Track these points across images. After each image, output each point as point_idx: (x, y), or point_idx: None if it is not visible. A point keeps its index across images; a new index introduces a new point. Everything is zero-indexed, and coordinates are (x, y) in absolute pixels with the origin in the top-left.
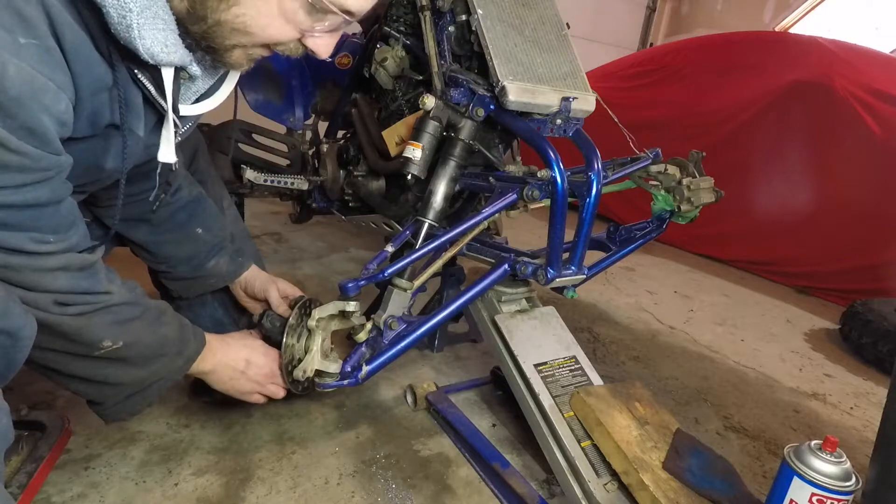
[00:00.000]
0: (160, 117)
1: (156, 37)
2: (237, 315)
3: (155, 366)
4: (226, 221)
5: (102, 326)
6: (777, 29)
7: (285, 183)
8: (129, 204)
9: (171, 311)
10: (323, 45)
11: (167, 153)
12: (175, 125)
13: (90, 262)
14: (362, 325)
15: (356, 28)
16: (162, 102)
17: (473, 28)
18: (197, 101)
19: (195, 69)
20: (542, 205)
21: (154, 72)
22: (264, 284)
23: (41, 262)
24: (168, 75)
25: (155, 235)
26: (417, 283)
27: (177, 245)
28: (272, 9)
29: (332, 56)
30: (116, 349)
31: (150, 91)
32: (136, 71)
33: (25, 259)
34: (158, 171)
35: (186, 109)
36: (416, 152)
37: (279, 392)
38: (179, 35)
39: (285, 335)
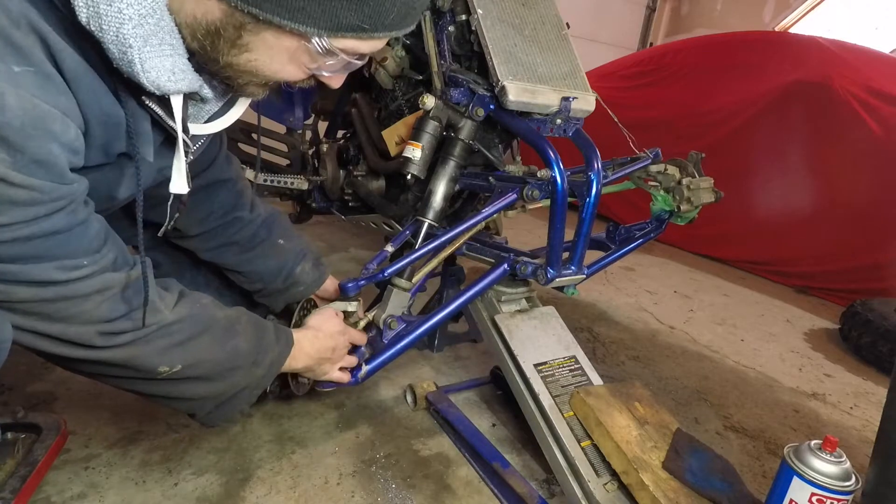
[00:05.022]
0: (168, 135)
1: (162, 65)
2: None
3: (231, 378)
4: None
5: (155, 353)
6: (777, 29)
7: (285, 183)
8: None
9: (247, 318)
10: (335, 80)
11: (179, 184)
12: (186, 145)
13: (132, 279)
14: (356, 324)
15: None
16: (173, 127)
17: (473, 28)
18: (209, 119)
19: (207, 92)
20: (542, 205)
21: (162, 98)
22: None
23: (75, 289)
24: (177, 103)
25: (242, 255)
26: (415, 279)
27: (265, 259)
28: (283, 55)
29: None
30: (176, 372)
31: (159, 116)
32: (143, 97)
33: (57, 289)
34: (170, 202)
35: (197, 129)
36: (415, 152)
37: (344, 377)
38: (189, 59)
39: None
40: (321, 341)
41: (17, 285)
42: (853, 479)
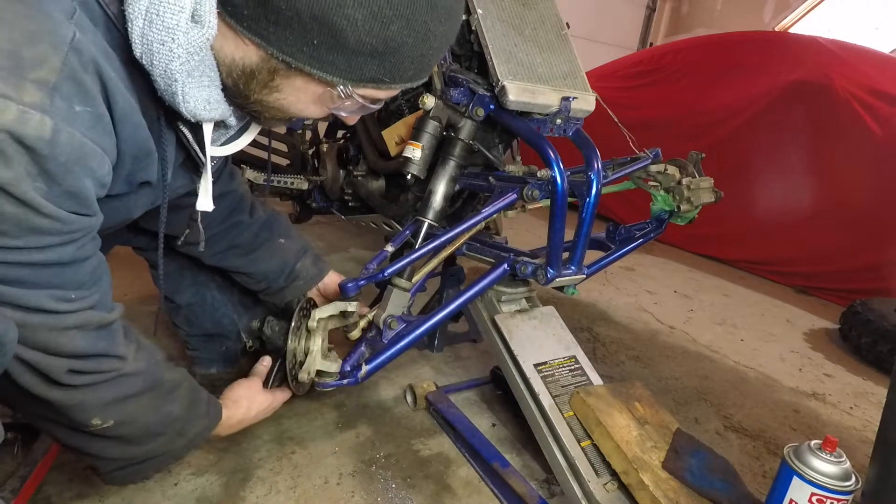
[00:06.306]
0: (186, 156)
1: (200, 96)
2: (238, 315)
3: (152, 444)
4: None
5: (100, 403)
6: (777, 29)
7: (285, 183)
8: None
9: (187, 384)
10: (351, 119)
11: (205, 202)
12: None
13: (108, 321)
14: (355, 324)
15: None
16: (201, 156)
17: (473, 28)
18: (225, 142)
19: (232, 121)
20: (542, 205)
21: (195, 124)
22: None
23: (60, 320)
24: (208, 130)
25: (245, 257)
26: (415, 279)
27: (268, 259)
28: (308, 97)
29: None
30: (106, 428)
31: (188, 141)
32: (178, 123)
33: (44, 317)
34: (199, 219)
35: (215, 151)
36: (415, 152)
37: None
38: (222, 89)
39: (289, 340)
40: (246, 410)
41: (6, 307)
42: (853, 479)
